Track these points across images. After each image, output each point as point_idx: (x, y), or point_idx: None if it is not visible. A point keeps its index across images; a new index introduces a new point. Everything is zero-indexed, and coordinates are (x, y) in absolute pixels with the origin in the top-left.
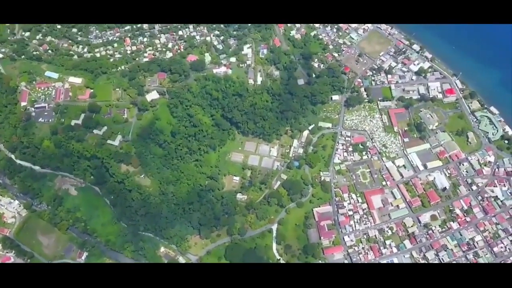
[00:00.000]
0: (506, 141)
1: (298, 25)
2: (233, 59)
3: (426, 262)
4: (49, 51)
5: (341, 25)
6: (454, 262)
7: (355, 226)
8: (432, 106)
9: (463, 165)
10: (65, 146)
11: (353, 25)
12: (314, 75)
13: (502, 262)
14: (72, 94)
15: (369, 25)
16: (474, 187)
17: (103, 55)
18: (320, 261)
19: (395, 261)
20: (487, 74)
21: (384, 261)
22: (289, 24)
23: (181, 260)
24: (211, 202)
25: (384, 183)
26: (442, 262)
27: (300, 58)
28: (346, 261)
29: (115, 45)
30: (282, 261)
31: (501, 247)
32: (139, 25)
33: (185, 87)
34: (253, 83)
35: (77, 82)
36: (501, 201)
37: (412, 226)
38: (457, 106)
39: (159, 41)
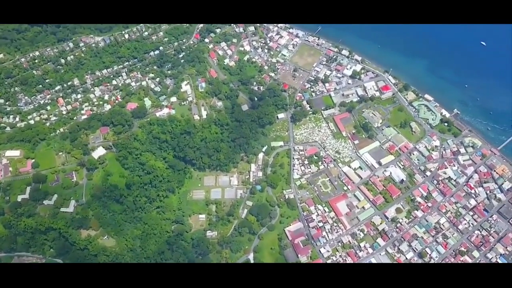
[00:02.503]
0: (446, 124)
1: (230, 52)
2: (173, 99)
3: (401, 255)
4: None
5: (270, 44)
6: (428, 249)
7: (328, 236)
8: (372, 105)
9: (413, 154)
10: (16, 225)
11: (282, 42)
12: (256, 99)
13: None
14: (12, 168)
15: (297, 39)
16: (428, 173)
17: (37, 121)
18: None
19: (373, 261)
20: (414, 65)
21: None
22: (221, 53)
23: None
24: (182, 247)
25: (345, 188)
26: (415, 251)
27: (239, 85)
28: None
29: (48, 108)
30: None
31: (465, 224)
32: (69, 83)
33: (131, 137)
34: (198, 118)
35: (15, 155)
36: (455, 180)
37: (381, 223)
38: (395, 100)
39: (94, 95)
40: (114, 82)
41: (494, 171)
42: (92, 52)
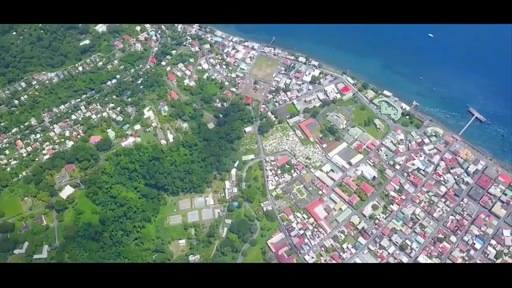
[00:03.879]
0: (407, 116)
1: (188, 72)
2: (137, 126)
3: (383, 251)
4: None
5: (228, 59)
6: (408, 241)
7: (310, 243)
8: (335, 107)
9: (381, 150)
10: None
11: (239, 56)
12: (221, 115)
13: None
14: None
15: (254, 51)
16: (397, 167)
17: None
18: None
19: (357, 261)
20: (369, 64)
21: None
22: (179, 74)
23: None
24: None
25: (320, 192)
26: (396, 244)
27: (202, 104)
28: None
29: (7, 152)
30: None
31: (439, 211)
32: (26, 123)
33: (99, 171)
34: (165, 142)
35: None
36: (423, 170)
37: (359, 222)
38: (356, 100)
39: (54, 133)
40: (73, 117)
41: (459, 156)
42: (46, 89)
